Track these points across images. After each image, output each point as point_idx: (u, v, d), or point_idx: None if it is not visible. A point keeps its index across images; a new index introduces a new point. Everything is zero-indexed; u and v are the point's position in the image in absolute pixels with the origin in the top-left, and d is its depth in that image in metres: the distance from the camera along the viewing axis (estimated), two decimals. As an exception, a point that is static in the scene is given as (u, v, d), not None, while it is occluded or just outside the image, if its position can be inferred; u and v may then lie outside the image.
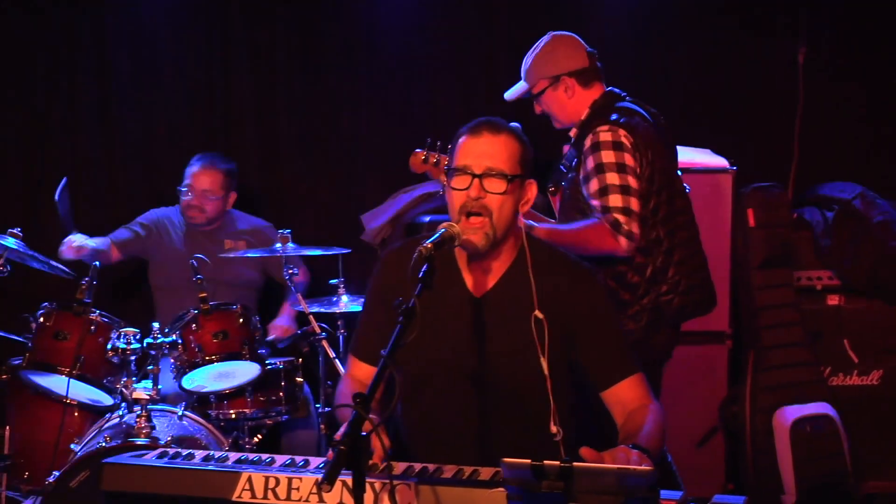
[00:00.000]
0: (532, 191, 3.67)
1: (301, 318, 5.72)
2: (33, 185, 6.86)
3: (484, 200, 3.51)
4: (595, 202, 4.63)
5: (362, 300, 4.29)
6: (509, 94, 5.16)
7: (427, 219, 6.00)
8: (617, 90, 4.97)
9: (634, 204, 4.61)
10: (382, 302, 3.67)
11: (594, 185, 4.64)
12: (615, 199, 4.59)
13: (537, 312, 3.57)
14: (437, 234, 3.39)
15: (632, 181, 4.63)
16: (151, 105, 6.95)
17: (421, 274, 3.19)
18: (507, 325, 3.62)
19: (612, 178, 4.61)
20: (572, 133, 4.97)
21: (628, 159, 4.65)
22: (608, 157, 4.64)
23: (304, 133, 6.94)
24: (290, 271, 5.53)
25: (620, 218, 4.57)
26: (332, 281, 5.77)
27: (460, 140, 3.62)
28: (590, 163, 4.67)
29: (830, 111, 6.68)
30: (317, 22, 6.90)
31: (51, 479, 4.69)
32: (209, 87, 6.90)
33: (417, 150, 4.99)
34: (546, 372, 3.55)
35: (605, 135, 4.68)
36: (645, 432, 3.40)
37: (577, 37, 5.01)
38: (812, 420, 5.88)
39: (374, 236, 6.36)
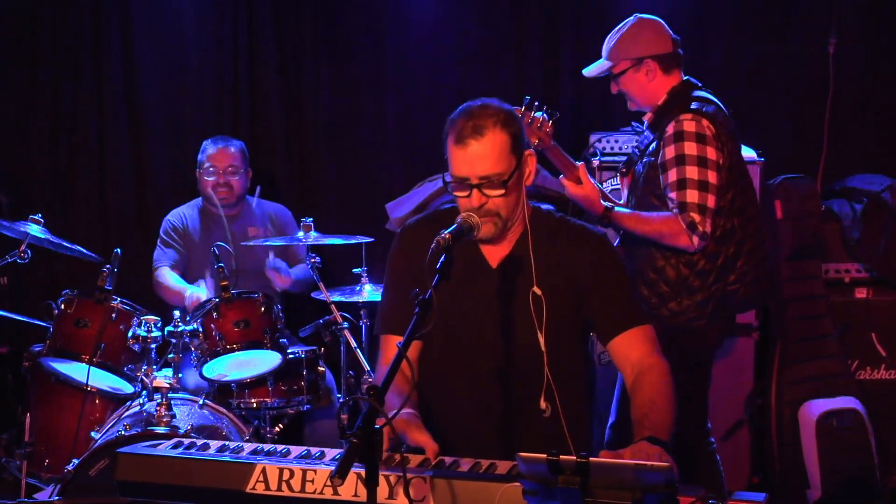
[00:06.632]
0: (532, 162, 3.63)
1: (323, 308, 5.68)
2: (60, 171, 6.88)
3: (487, 205, 3.50)
4: (672, 194, 4.63)
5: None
6: (588, 71, 5.08)
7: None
8: (694, 80, 4.94)
9: (711, 201, 4.61)
10: (407, 275, 3.65)
11: (672, 175, 4.63)
12: (692, 195, 4.58)
13: (535, 289, 3.56)
14: (455, 225, 3.35)
15: (711, 176, 4.62)
16: (177, 92, 6.96)
17: (439, 265, 3.16)
18: (518, 295, 3.61)
19: (692, 171, 4.60)
20: (647, 117, 4.96)
21: (710, 153, 4.63)
22: (690, 148, 4.63)
23: (330, 121, 6.92)
24: (313, 259, 5.51)
25: (696, 217, 4.57)
26: (355, 270, 5.75)
27: (448, 143, 3.58)
28: (670, 152, 4.66)
29: (860, 102, 6.62)
30: (343, 9, 6.89)
31: (70, 467, 4.68)
32: (235, 74, 6.89)
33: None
34: (543, 347, 3.55)
35: (688, 124, 4.66)
36: (659, 415, 3.37)
37: (662, 22, 4.96)
38: (839, 414, 5.83)
39: (399, 225, 6.33)
